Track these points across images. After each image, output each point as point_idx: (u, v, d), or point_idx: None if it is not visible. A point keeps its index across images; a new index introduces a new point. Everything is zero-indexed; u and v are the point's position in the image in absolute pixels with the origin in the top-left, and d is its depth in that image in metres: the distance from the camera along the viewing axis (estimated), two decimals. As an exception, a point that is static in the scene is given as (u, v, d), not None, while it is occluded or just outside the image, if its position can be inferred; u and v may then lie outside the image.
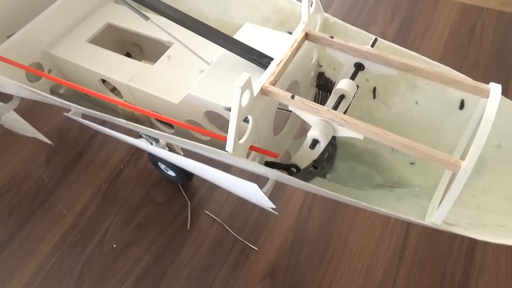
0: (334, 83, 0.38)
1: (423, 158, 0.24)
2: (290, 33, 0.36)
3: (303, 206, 0.59)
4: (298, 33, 0.31)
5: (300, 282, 0.53)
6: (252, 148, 0.30)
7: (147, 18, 0.34)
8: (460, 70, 0.35)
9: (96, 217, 0.61)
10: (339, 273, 0.53)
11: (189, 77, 0.36)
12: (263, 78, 0.29)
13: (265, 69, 0.31)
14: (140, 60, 0.49)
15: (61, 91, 0.44)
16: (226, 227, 0.58)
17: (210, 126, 0.35)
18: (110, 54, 0.40)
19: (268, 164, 0.32)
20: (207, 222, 0.59)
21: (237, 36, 0.36)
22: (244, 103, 0.26)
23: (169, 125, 0.40)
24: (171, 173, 0.60)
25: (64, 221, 0.61)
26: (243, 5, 0.40)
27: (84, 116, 0.45)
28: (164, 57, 0.38)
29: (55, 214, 0.62)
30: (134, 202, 0.62)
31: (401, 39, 0.83)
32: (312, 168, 0.32)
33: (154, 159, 0.60)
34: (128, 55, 0.49)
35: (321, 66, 0.39)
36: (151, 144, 0.53)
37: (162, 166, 0.61)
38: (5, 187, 0.65)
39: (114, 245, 0.58)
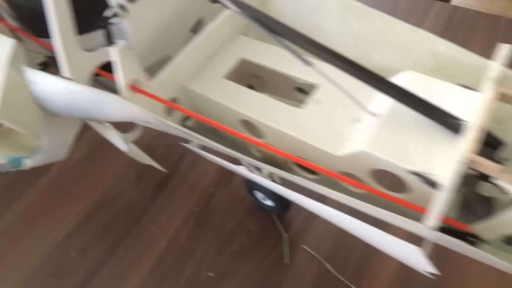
0: (499, 140, 0.35)
1: None
2: (464, 86, 0.33)
3: (408, 249, 0.56)
4: (489, 92, 0.29)
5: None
6: (445, 220, 0.27)
7: (310, 64, 0.32)
8: None
9: (190, 242, 0.60)
10: (451, 328, 0.50)
11: (343, 125, 0.34)
12: (464, 146, 0.26)
13: (455, 132, 0.29)
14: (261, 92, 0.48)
15: (189, 123, 0.44)
16: (327, 265, 0.56)
17: (372, 182, 0.33)
18: (251, 93, 0.39)
19: (445, 230, 0.30)
20: (304, 257, 0.57)
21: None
22: (454, 177, 0.24)
23: (311, 171, 0.38)
24: (269, 202, 0.59)
25: (159, 243, 0.60)
26: (393, 46, 0.38)
27: (204, 148, 0.44)
28: (312, 101, 0.37)
29: (149, 235, 0.61)
30: (228, 229, 0.61)
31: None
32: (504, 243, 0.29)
33: (251, 187, 0.59)
34: (250, 87, 0.48)
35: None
36: (253, 172, 0.51)
37: (259, 195, 0.59)
38: (98, 202, 0.66)
39: (211, 274, 0.57)
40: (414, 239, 0.33)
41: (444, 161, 0.28)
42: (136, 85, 0.35)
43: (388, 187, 0.34)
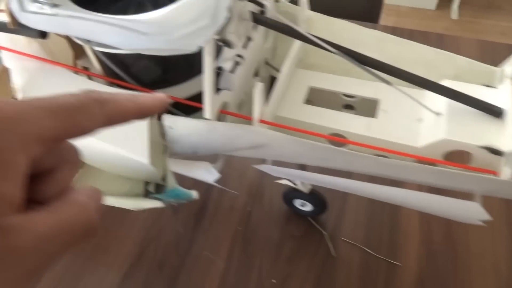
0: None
1: None
2: (486, 85, 0.48)
3: (422, 222, 0.70)
4: (509, 87, 0.44)
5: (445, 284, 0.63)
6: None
7: (389, 83, 0.44)
8: None
9: (245, 257, 0.66)
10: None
11: (410, 125, 0.46)
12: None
13: (497, 116, 0.43)
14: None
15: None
16: (366, 249, 0.67)
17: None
18: (331, 112, 0.49)
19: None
20: (346, 247, 0.67)
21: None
22: None
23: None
24: (307, 208, 0.68)
25: (216, 265, 0.65)
26: (421, 65, 0.52)
27: (280, 164, 0.52)
28: (380, 111, 0.48)
29: (204, 260, 0.66)
30: (275, 238, 0.68)
31: None
32: None
33: (290, 197, 0.68)
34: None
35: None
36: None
37: (297, 203, 0.68)
38: (144, 242, 0.68)
39: (274, 280, 0.64)
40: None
41: (499, 135, 0.42)
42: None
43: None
